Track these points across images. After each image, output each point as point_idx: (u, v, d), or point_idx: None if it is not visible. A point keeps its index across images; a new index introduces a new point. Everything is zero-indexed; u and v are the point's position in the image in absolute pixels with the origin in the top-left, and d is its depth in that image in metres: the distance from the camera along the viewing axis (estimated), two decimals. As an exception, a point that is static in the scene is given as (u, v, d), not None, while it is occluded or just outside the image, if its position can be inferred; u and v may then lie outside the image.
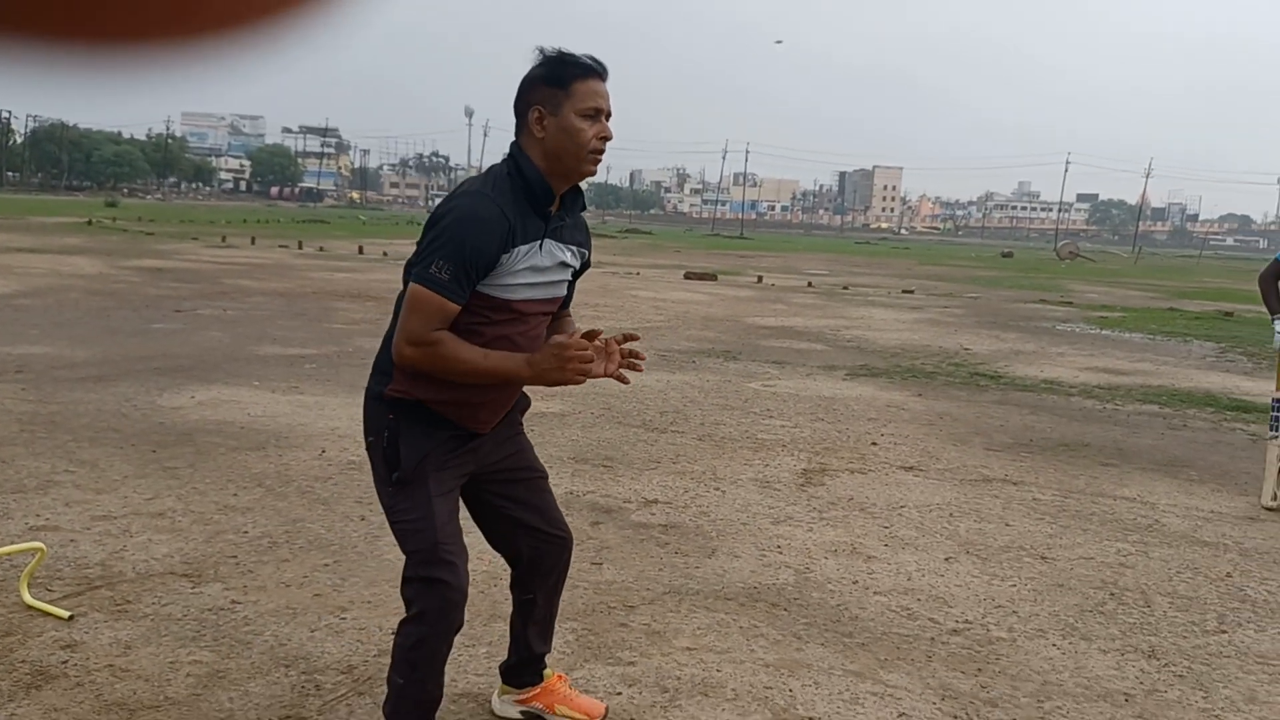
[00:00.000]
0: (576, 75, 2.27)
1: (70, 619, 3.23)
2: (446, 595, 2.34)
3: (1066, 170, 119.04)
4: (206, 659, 3.03)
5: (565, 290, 2.52)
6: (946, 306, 17.88)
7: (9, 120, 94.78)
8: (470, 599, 2.45)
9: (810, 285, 21.57)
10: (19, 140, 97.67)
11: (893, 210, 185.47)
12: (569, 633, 3.32)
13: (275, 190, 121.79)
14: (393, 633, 2.47)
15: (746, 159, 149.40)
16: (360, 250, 25.17)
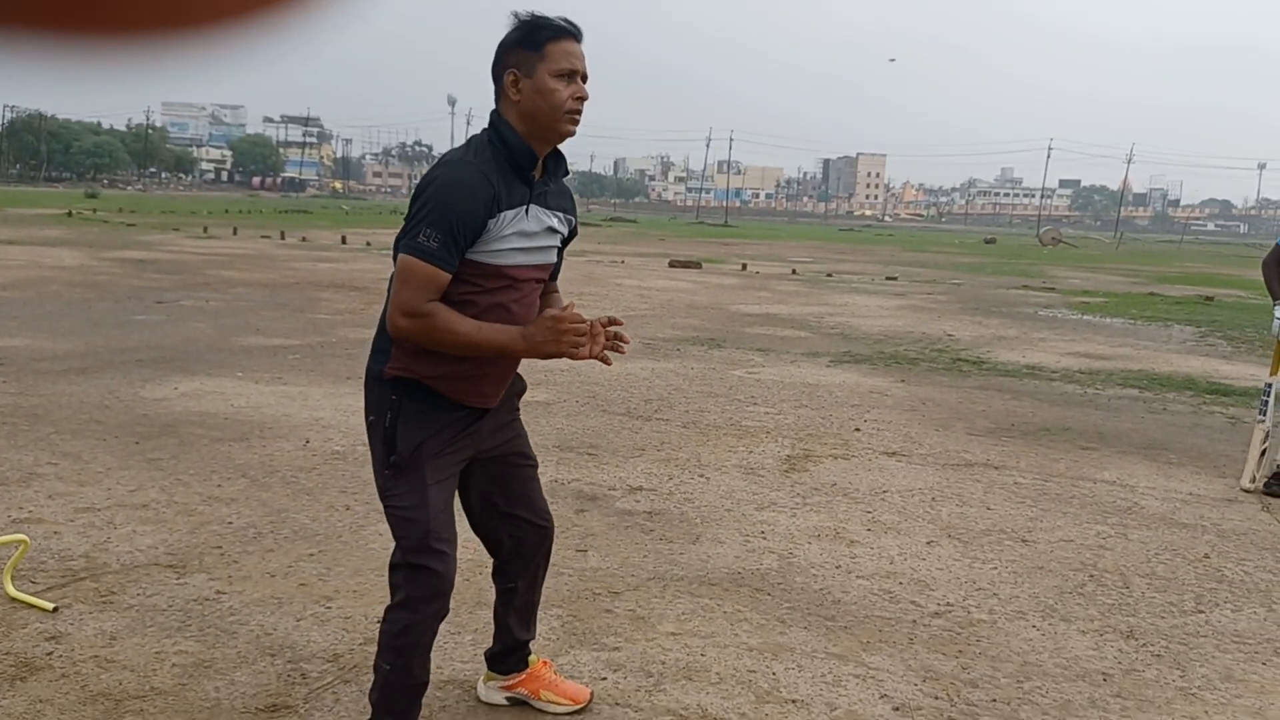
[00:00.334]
0: (550, 37, 2.27)
1: (54, 611, 3.24)
2: (434, 583, 2.36)
3: (1049, 156, 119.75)
4: (192, 649, 3.03)
5: (555, 257, 2.52)
6: (930, 293, 17.95)
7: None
8: (456, 587, 2.47)
9: (794, 272, 21.61)
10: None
11: (877, 197, 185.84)
12: (554, 619, 3.34)
13: (257, 180, 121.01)
14: (378, 621, 2.48)
15: (730, 146, 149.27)
16: (343, 240, 25.06)
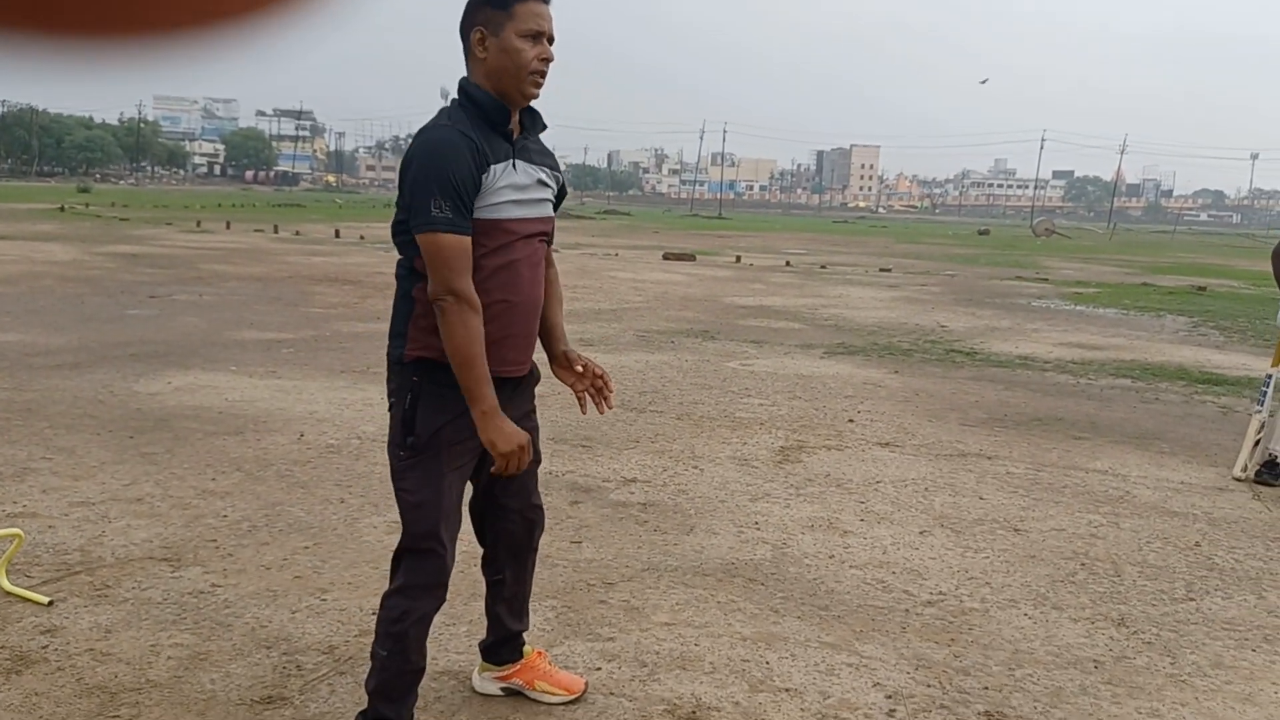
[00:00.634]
0: None
1: (50, 604, 3.24)
2: (435, 572, 2.39)
3: (1042, 147, 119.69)
4: (187, 642, 3.04)
5: (551, 210, 2.50)
6: (923, 284, 17.97)
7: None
8: (452, 578, 2.48)
9: (788, 265, 21.62)
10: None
11: (870, 189, 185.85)
12: (549, 610, 3.36)
13: (250, 174, 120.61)
14: (373, 613, 2.49)
15: (724, 139, 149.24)
16: (337, 234, 25.02)
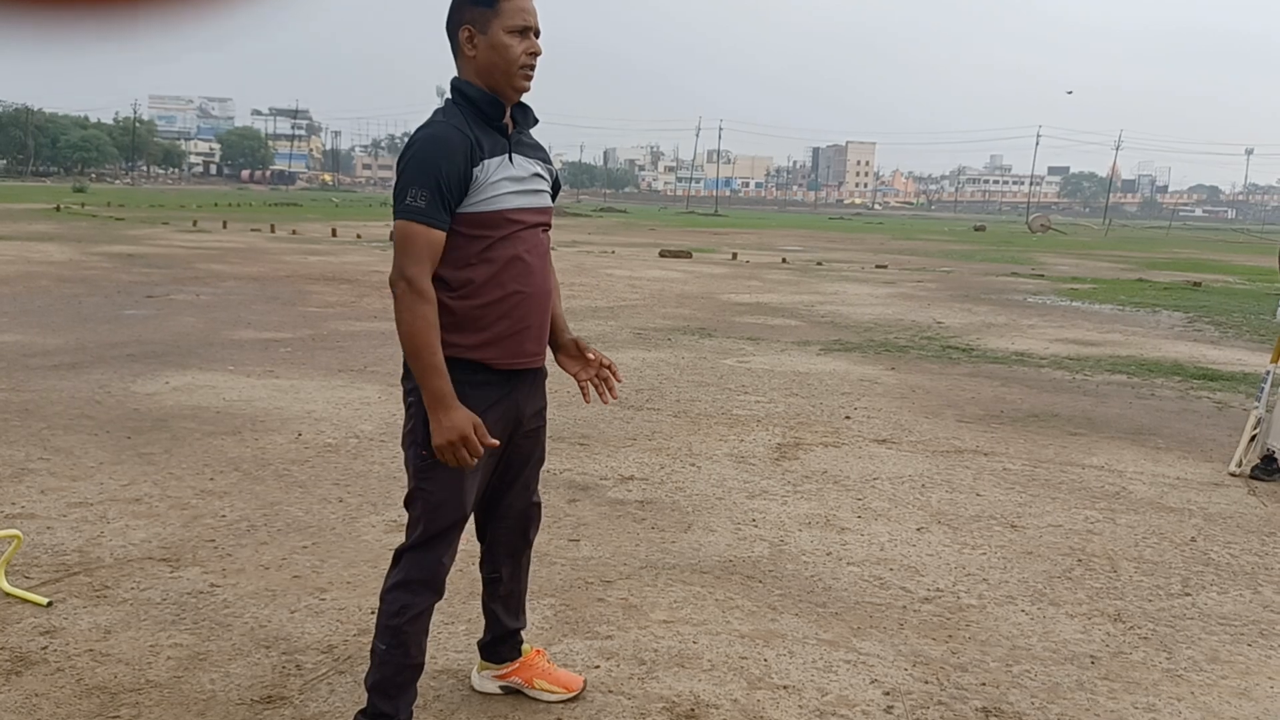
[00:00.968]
0: None
1: (49, 605, 3.25)
2: (438, 569, 2.41)
3: (1038, 143, 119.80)
4: (187, 642, 3.05)
5: (550, 201, 2.53)
6: (919, 281, 17.99)
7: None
8: (450, 577, 2.49)
9: (784, 261, 21.63)
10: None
11: (866, 185, 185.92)
12: (547, 608, 3.36)
13: (246, 173, 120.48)
14: (372, 612, 2.50)
15: (720, 136, 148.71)
16: (334, 233, 25.02)
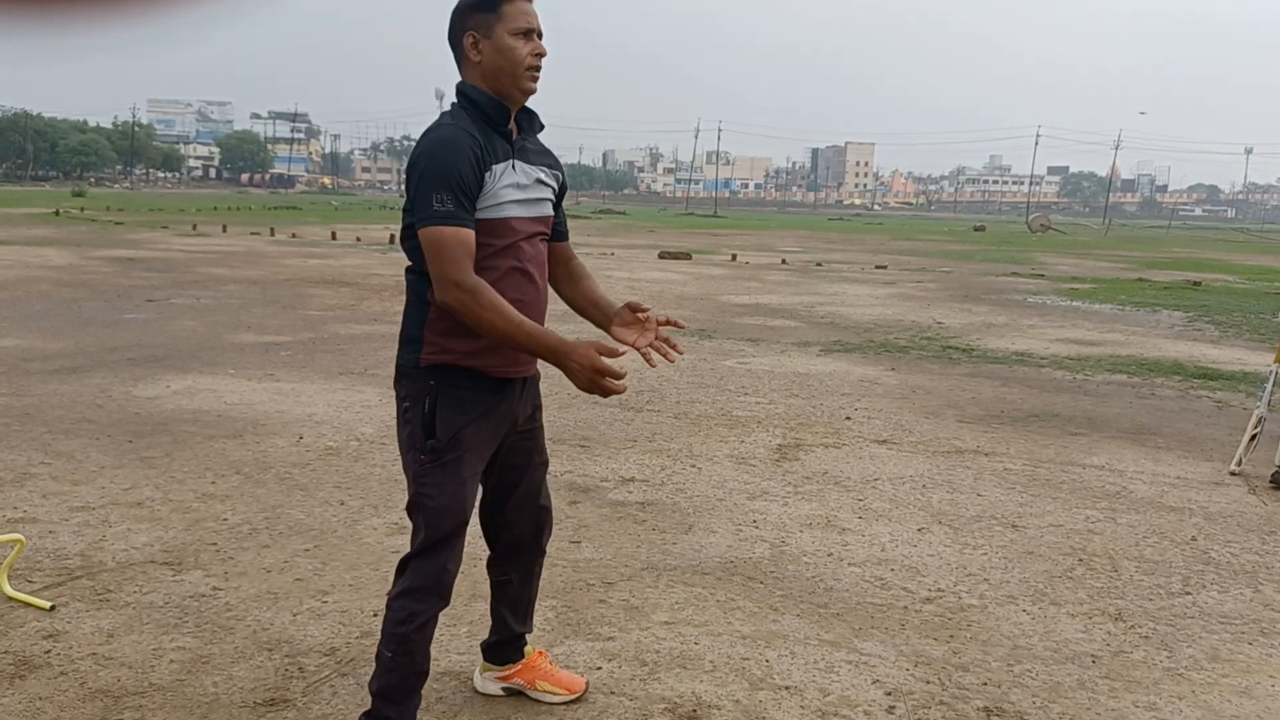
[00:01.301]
0: None
1: (52, 609, 3.25)
2: (443, 575, 2.41)
3: (1037, 143, 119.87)
4: (190, 645, 3.05)
5: (551, 209, 2.54)
6: (919, 281, 17.99)
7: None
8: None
9: (784, 262, 21.64)
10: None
11: (866, 186, 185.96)
12: (549, 610, 3.37)
13: (245, 177, 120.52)
14: (375, 614, 2.51)
15: (719, 137, 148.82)
16: (333, 236, 25.01)
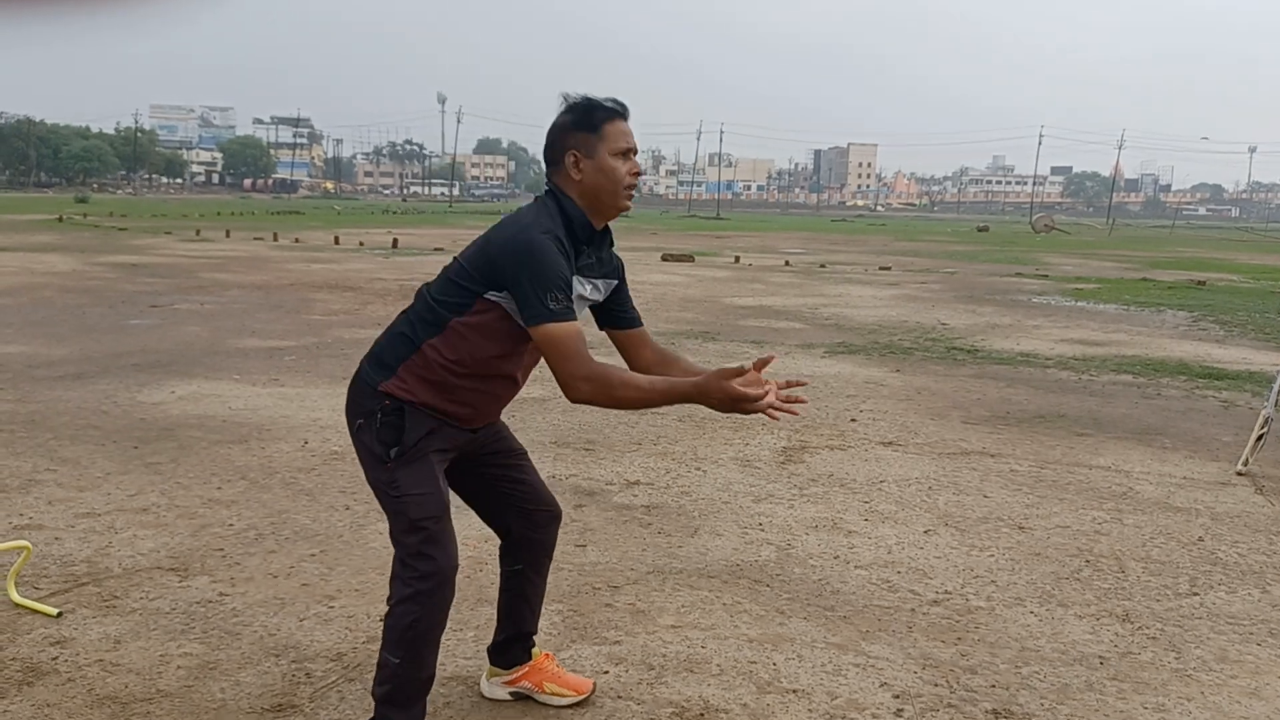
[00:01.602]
0: (605, 118, 2.38)
1: (59, 616, 3.25)
2: (442, 573, 2.41)
3: (1040, 143, 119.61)
4: (197, 651, 3.05)
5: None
6: (923, 282, 17.98)
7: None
8: (457, 584, 2.49)
9: (787, 264, 21.64)
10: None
11: (868, 187, 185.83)
12: (555, 614, 3.37)
13: (248, 182, 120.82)
14: (381, 619, 2.50)
15: (721, 139, 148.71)
16: (336, 241, 25.05)
